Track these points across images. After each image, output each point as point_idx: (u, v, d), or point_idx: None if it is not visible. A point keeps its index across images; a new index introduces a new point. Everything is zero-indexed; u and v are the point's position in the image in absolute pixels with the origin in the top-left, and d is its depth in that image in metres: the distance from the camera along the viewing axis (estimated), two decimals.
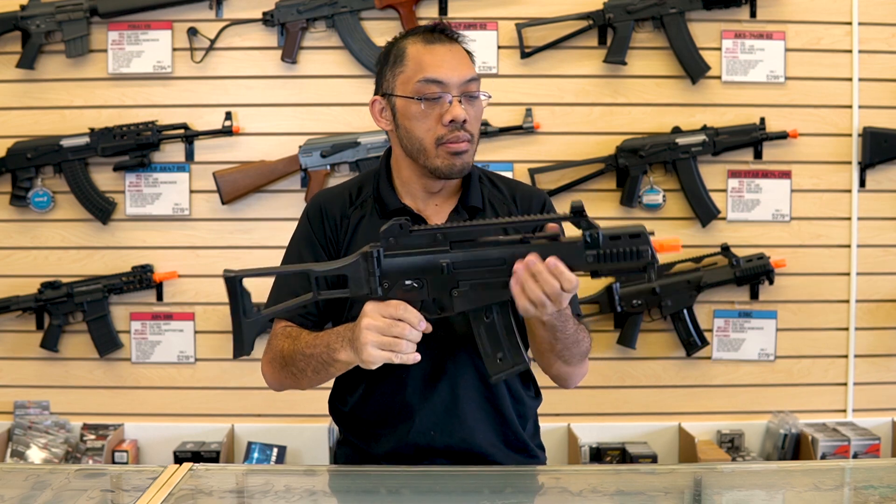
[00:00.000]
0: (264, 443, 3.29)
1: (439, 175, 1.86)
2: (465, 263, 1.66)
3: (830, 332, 3.41)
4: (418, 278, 1.67)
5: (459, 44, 1.90)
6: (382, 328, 1.64)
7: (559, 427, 3.33)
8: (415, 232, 1.67)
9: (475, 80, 1.86)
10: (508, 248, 1.66)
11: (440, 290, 1.67)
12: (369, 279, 1.67)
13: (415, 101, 1.84)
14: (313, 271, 1.70)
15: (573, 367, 1.89)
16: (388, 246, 1.67)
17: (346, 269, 1.68)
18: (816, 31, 3.34)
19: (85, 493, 1.78)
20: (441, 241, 1.67)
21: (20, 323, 3.35)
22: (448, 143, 1.83)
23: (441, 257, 1.66)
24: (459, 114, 1.82)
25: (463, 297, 1.67)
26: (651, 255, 1.61)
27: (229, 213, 3.35)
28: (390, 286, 1.67)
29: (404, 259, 1.67)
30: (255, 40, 3.33)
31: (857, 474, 1.99)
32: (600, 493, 1.79)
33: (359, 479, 1.87)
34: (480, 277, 1.66)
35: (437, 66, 1.84)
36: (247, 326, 1.70)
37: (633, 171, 3.30)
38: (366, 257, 1.67)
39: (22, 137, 3.30)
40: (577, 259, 1.63)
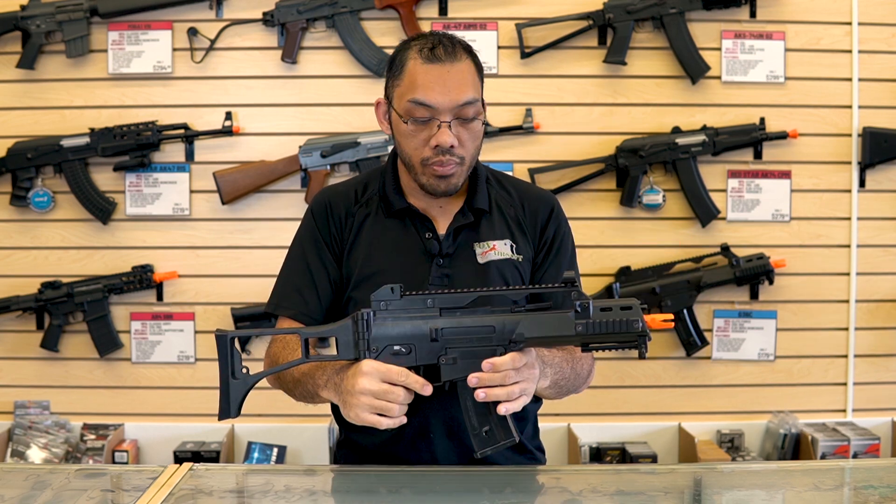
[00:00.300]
0: (264, 443, 3.29)
1: (425, 191, 1.86)
2: (454, 331, 1.65)
3: (830, 332, 3.41)
4: (407, 344, 1.66)
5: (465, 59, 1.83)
6: (377, 393, 1.62)
7: (559, 427, 3.33)
8: (406, 297, 1.66)
9: (471, 104, 1.81)
10: (499, 316, 1.65)
11: (428, 357, 1.66)
12: (358, 343, 1.66)
13: (402, 118, 1.83)
14: (303, 333, 1.69)
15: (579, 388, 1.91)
16: (378, 311, 1.66)
17: (335, 332, 1.67)
18: (816, 31, 3.34)
19: (85, 493, 1.78)
20: (431, 307, 1.66)
21: (20, 323, 3.35)
22: (433, 165, 1.81)
23: (431, 323, 1.65)
24: (445, 141, 1.79)
25: (450, 365, 1.66)
26: (642, 328, 1.61)
27: (229, 213, 3.35)
28: (379, 351, 1.66)
29: (393, 323, 1.66)
30: (255, 40, 3.33)
31: (856, 474, 1.99)
32: (600, 493, 1.79)
33: (359, 479, 1.87)
34: (469, 345, 1.65)
35: (427, 89, 1.79)
36: (234, 387, 1.67)
37: (633, 171, 3.30)
38: (356, 320, 1.66)
39: (22, 137, 3.30)
40: (566, 329, 1.62)
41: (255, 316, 3.29)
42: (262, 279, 3.26)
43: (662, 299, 3.30)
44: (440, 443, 1.86)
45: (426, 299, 1.66)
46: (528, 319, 1.63)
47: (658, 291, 3.30)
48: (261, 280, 3.28)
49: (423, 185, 1.84)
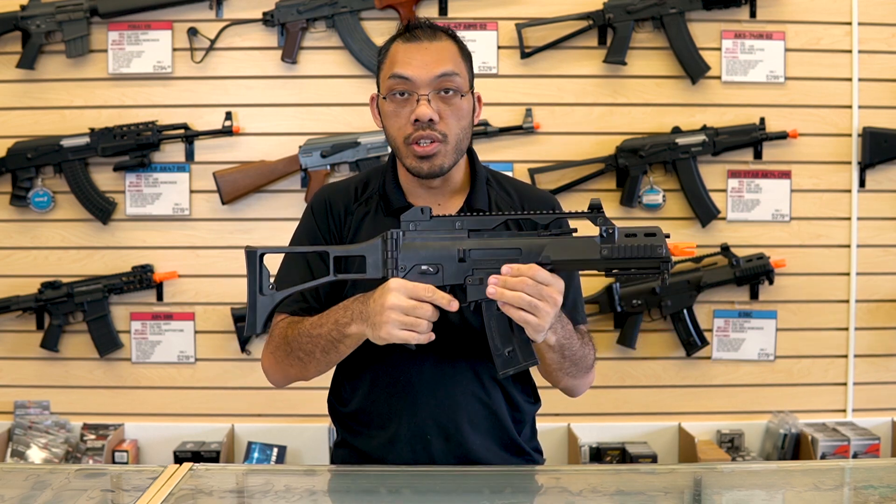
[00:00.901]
0: (264, 443, 3.29)
1: (412, 174, 1.86)
2: (481, 252, 1.68)
3: (830, 332, 3.41)
4: (434, 264, 1.69)
5: (445, 39, 1.84)
6: (406, 309, 1.64)
7: (559, 427, 3.33)
8: (435, 218, 1.70)
9: (450, 76, 1.81)
10: (525, 238, 1.68)
11: (455, 277, 1.69)
12: (387, 262, 1.69)
13: (386, 98, 1.84)
14: (332, 251, 1.72)
15: (579, 380, 1.90)
16: (407, 231, 1.69)
17: (365, 251, 1.71)
18: (816, 31, 3.34)
19: (85, 493, 1.78)
20: (460, 228, 1.69)
21: (20, 323, 3.35)
22: (415, 143, 1.81)
23: (458, 244, 1.69)
24: (424, 112, 1.78)
25: (476, 286, 1.68)
26: (665, 254, 1.63)
27: (229, 213, 3.35)
28: (407, 270, 1.69)
29: (422, 244, 1.69)
30: (255, 40, 3.33)
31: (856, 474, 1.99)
32: (600, 493, 1.79)
33: (359, 479, 1.87)
34: (495, 266, 1.67)
35: (405, 63, 1.81)
36: (262, 303, 1.71)
37: (633, 171, 3.30)
38: (385, 240, 1.69)
39: (22, 137, 3.30)
40: (591, 253, 1.65)
41: None
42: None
43: (662, 299, 3.30)
44: (437, 445, 1.86)
45: (455, 221, 1.70)
46: (554, 243, 1.67)
47: (658, 291, 3.30)
48: None
49: (408, 168, 1.85)
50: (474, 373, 1.87)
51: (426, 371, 1.85)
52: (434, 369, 1.85)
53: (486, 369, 1.86)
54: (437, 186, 1.89)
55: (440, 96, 1.81)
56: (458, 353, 1.85)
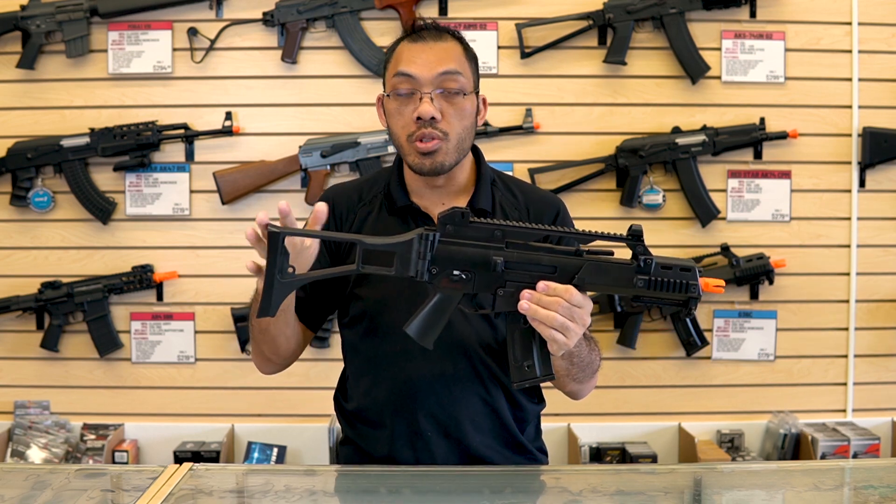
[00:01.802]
0: (264, 443, 3.29)
1: (414, 171, 1.86)
2: (517, 265, 1.64)
3: (830, 332, 3.41)
4: (468, 270, 1.64)
5: (450, 40, 1.86)
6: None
7: (559, 427, 3.33)
8: (474, 223, 1.63)
9: (453, 74, 1.82)
10: (562, 257, 1.64)
11: (486, 286, 1.65)
12: (419, 262, 1.62)
13: (391, 97, 1.85)
14: (363, 243, 1.62)
15: (584, 385, 1.90)
16: (444, 232, 1.63)
17: (396, 247, 1.62)
18: (816, 31, 3.34)
19: (85, 493, 1.78)
20: (498, 237, 1.64)
21: (20, 323, 3.35)
22: (417, 140, 1.81)
23: (495, 254, 1.64)
24: (426, 111, 1.80)
25: (506, 297, 1.65)
26: (697, 292, 1.61)
27: (229, 213, 3.35)
28: (438, 273, 1.63)
29: (458, 249, 1.63)
30: (255, 40, 3.33)
31: (856, 474, 1.99)
32: (600, 493, 1.79)
33: (359, 479, 1.87)
34: (528, 281, 1.63)
35: (409, 61, 1.83)
36: (279, 286, 1.62)
37: (633, 171, 3.30)
38: (421, 239, 1.62)
39: (22, 137, 3.30)
40: (625, 282, 1.63)
41: None
42: None
43: None
44: (437, 442, 1.86)
45: (494, 230, 1.64)
46: (590, 265, 1.64)
47: None
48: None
49: (411, 165, 1.85)
50: (475, 372, 1.87)
51: (427, 369, 1.85)
52: (435, 367, 1.85)
53: (488, 368, 1.87)
54: (441, 185, 1.90)
55: (443, 95, 1.82)
56: (460, 352, 1.85)
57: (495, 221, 1.65)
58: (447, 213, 1.63)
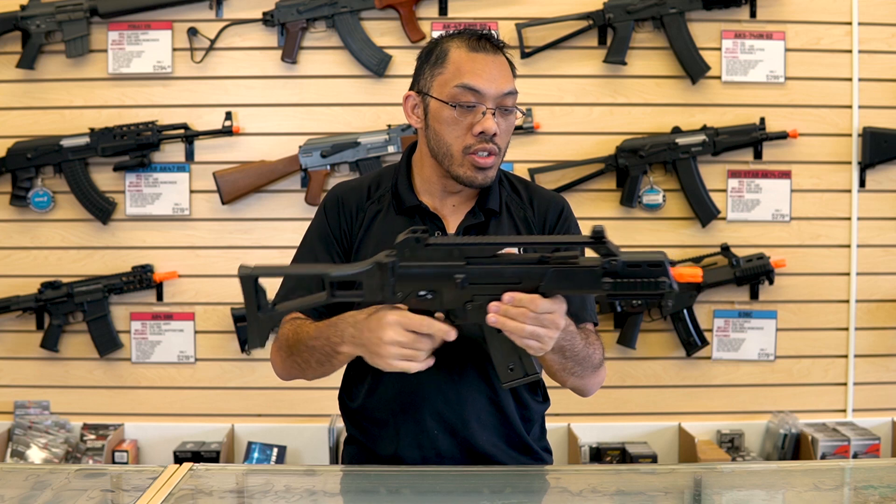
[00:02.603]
0: (264, 443, 3.29)
1: (460, 182, 1.86)
2: (480, 279, 1.65)
3: (830, 332, 3.41)
4: (432, 290, 1.66)
5: (503, 55, 1.89)
6: (404, 344, 1.64)
7: (559, 427, 3.33)
8: (430, 246, 1.65)
9: (512, 94, 1.86)
10: (525, 266, 1.64)
11: (454, 302, 1.67)
12: (384, 288, 1.66)
13: (449, 106, 1.83)
14: (329, 275, 1.67)
15: (586, 380, 1.88)
16: (402, 257, 1.65)
17: (360, 276, 1.66)
18: (816, 31, 3.34)
19: (85, 493, 1.78)
20: (457, 256, 1.65)
21: (20, 323, 3.35)
22: (474, 153, 1.82)
23: (456, 272, 1.65)
24: (490, 127, 1.82)
25: (476, 310, 1.66)
26: (668, 286, 1.59)
27: (229, 213, 3.35)
28: (405, 296, 1.66)
29: (419, 271, 1.65)
30: (255, 40, 3.33)
31: (857, 474, 1.99)
32: (600, 493, 1.79)
33: (359, 479, 1.87)
34: (495, 293, 1.64)
35: (476, 75, 1.83)
36: (261, 322, 1.71)
37: (633, 171, 3.30)
38: (381, 267, 1.65)
39: (22, 137, 3.30)
40: (592, 285, 1.61)
41: None
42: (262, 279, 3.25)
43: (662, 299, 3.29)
44: (443, 441, 1.87)
45: (451, 250, 1.65)
46: (554, 273, 1.62)
47: None
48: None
49: (458, 176, 1.85)
50: (482, 371, 1.87)
51: (433, 368, 1.84)
52: (442, 366, 1.84)
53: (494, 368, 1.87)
54: (458, 191, 1.91)
55: (500, 111, 1.84)
56: (467, 351, 1.85)
57: (452, 240, 1.68)
58: (403, 239, 1.65)
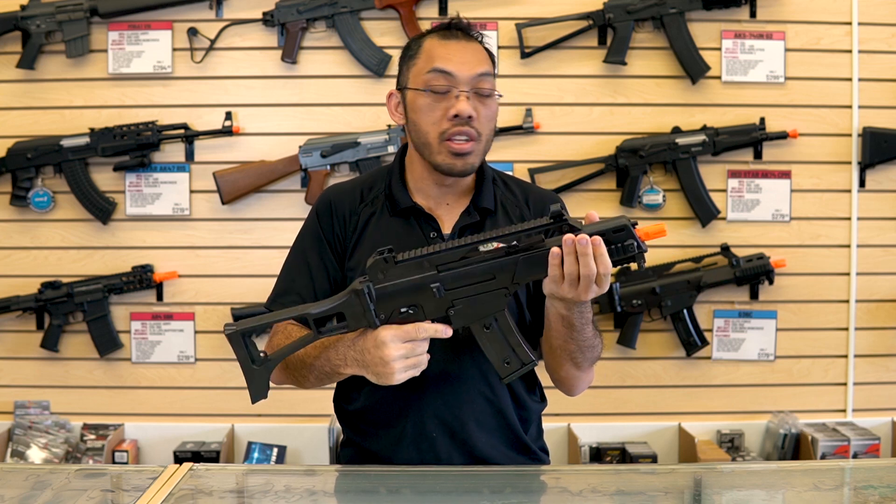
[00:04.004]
0: (264, 443, 3.29)
1: (440, 171, 1.85)
2: (455, 283, 1.69)
3: (830, 332, 3.41)
4: (413, 304, 1.69)
5: (478, 42, 1.88)
6: (405, 355, 1.67)
7: (559, 427, 3.33)
8: (400, 263, 1.69)
9: (487, 76, 1.84)
10: (495, 262, 1.68)
11: (436, 311, 1.70)
12: (366, 314, 1.69)
13: (424, 92, 1.83)
14: (310, 314, 1.71)
15: (582, 372, 1.88)
16: (375, 280, 1.69)
17: (341, 308, 1.70)
18: (816, 31, 3.34)
19: (85, 493, 1.78)
20: (428, 267, 1.69)
21: (20, 323, 3.35)
22: (450, 139, 1.81)
23: (431, 282, 1.68)
24: (464, 108, 1.80)
25: (460, 314, 1.70)
26: (637, 247, 1.63)
27: (229, 213, 3.35)
28: (387, 317, 1.70)
29: (394, 289, 1.69)
30: (255, 40, 3.33)
31: (856, 474, 1.99)
32: (600, 493, 1.79)
33: (359, 479, 1.87)
34: (473, 293, 1.69)
35: (446, 58, 1.83)
36: (258, 374, 1.77)
37: (633, 171, 3.30)
38: (357, 294, 1.68)
39: (22, 137, 3.30)
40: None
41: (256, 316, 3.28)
42: (262, 279, 3.26)
43: (662, 299, 3.30)
44: (442, 442, 1.86)
45: (422, 261, 1.69)
46: (524, 260, 1.67)
47: (658, 291, 3.30)
48: (261, 280, 3.29)
49: (438, 164, 1.84)
50: (480, 371, 1.87)
51: (432, 369, 1.84)
52: (439, 367, 1.84)
53: (492, 368, 1.86)
54: (450, 185, 1.90)
55: (476, 95, 1.83)
56: (464, 352, 1.84)
57: (420, 252, 1.69)
58: (372, 262, 1.69)
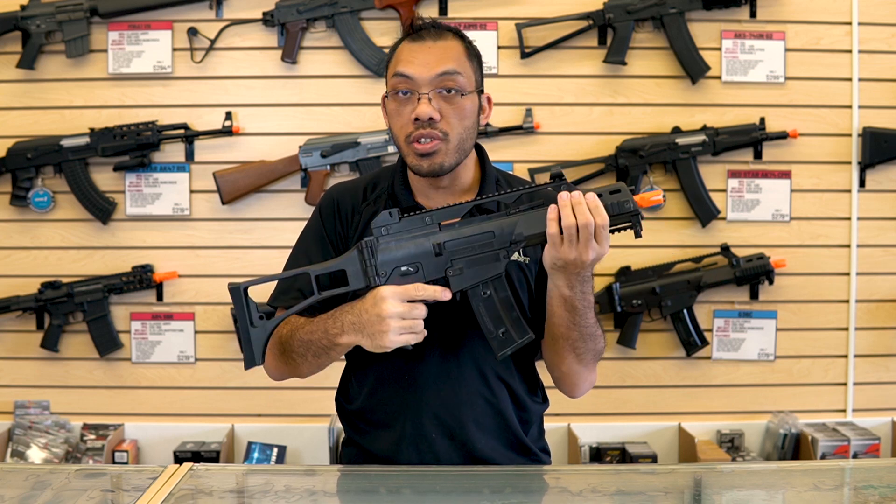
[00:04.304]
0: (264, 443, 3.29)
1: (414, 172, 1.86)
2: (455, 242, 1.71)
3: (830, 332, 3.41)
4: (413, 263, 1.71)
5: (451, 39, 1.85)
6: (403, 314, 1.68)
7: (559, 427, 3.33)
8: (404, 218, 1.72)
9: (452, 74, 1.81)
10: (496, 220, 1.71)
11: (436, 271, 1.72)
12: (367, 271, 1.71)
13: (391, 97, 1.85)
14: (312, 271, 1.73)
15: (584, 367, 1.87)
16: (381, 236, 1.72)
17: (343, 265, 1.73)
18: (816, 31, 3.34)
19: (85, 493, 1.78)
20: (430, 223, 1.72)
21: (20, 323, 3.35)
22: (415, 140, 1.81)
23: (432, 239, 1.71)
24: (423, 111, 1.79)
25: (458, 275, 1.72)
26: (633, 207, 1.67)
27: (229, 213, 3.35)
28: (388, 275, 1.71)
29: (397, 246, 1.71)
30: (255, 40, 3.33)
31: (856, 474, 1.99)
32: (600, 493, 1.79)
33: (359, 479, 1.87)
34: (472, 253, 1.71)
35: (407, 62, 1.82)
36: (255, 335, 1.73)
37: (633, 171, 3.30)
38: (361, 250, 1.71)
39: (22, 137, 3.30)
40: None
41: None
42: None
43: (662, 299, 3.30)
44: (441, 444, 1.86)
45: (424, 217, 1.72)
46: (524, 219, 1.71)
47: (658, 291, 3.30)
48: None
49: (410, 166, 1.85)
50: (480, 372, 1.86)
51: (431, 369, 1.85)
52: (439, 368, 1.85)
53: (492, 368, 1.86)
54: (445, 186, 1.89)
55: (442, 95, 1.81)
56: (463, 352, 1.85)
57: (424, 210, 1.73)
58: (379, 217, 1.72)
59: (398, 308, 1.67)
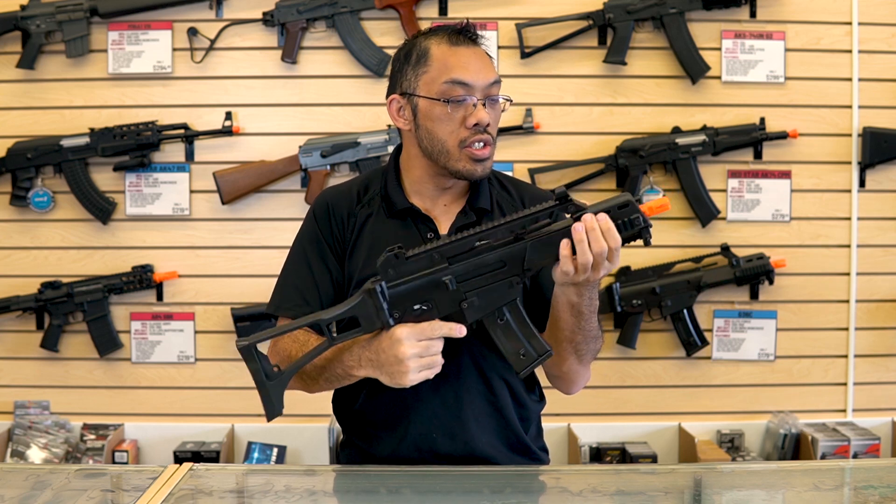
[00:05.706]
0: (264, 443, 3.29)
1: (459, 177, 1.87)
2: (467, 274, 1.69)
3: (830, 332, 3.41)
4: (426, 301, 1.69)
5: (481, 46, 1.90)
6: (421, 353, 1.68)
7: (559, 427, 3.33)
8: (411, 258, 1.69)
9: (497, 83, 1.87)
10: (505, 249, 1.69)
11: (450, 306, 1.70)
12: (379, 314, 1.69)
13: (440, 102, 1.84)
14: (323, 320, 1.70)
15: (583, 366, 1.88)
16: (388, 278, 1.69)
17: (354, 311, 1.70)
18: (816, 31, 3.34)
19: (85, 493, 1.79)
20: (438, 259, 1.69)
21: (20, 323, 3.35)
22: (470, 146, 1.83)
23: (443, 275, 1.69)
24: (484, 117, 1.83)
25: (473, 307, 1.70)
26: (643, 221, 1.67)
27: (229, 213, 3.35)
28: (401, 315, 1.69)
29: (407, 286, 1.69)
30: (255, 40, 3.33)
31: (857, 474, 1.99)
32: (600, 493, 1.79)
33: (359, 479, 1.87)
34: (485, 283, 1.69)
35: (463, 69, 1.83)
36: (273, 389, 1.71)
37: (633, 171, 3.30)
38: (370, 294, 1.68)
39: (22, 137, 3.30)
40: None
41: (256, 316, 3.29)
42: (263, 279, 3.26)
43: (662, 299, 3.30)
44: (443, 444, 1.86)
45: (432, 254, 1.69)
46: (534, 244, 1.68)
47: (658, 291, 3.30)
48: (261, 280, 3.29)
49: (458, 171, 1.85)
50: (480, 371, 1.87)
51: None
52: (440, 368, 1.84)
53: (492, 368, 1.87)
54: (450, 187, 1.91)
55: (489, 102, 1.86)
56: (464, 352, 1.85)
57: (429, 246, 1.70)
58: (383, 259, 1.69)
59: (415, 349, 1.67)
